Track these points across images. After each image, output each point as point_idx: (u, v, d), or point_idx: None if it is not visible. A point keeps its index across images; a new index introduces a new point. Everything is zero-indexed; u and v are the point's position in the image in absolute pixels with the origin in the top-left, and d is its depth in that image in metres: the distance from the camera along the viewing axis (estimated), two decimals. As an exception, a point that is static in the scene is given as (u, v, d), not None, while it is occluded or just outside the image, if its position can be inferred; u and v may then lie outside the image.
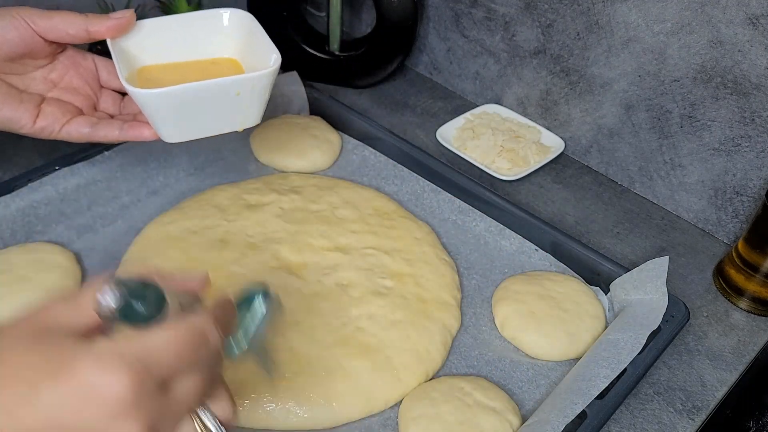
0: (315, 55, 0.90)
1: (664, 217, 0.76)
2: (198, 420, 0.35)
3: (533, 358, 0.59)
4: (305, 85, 0.81)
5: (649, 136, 0.74)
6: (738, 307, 0.66)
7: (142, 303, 0.32)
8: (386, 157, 0.76)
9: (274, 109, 0.80)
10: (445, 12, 0.87)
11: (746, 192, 0.69)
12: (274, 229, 0.65)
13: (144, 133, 0.57)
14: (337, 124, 0.80)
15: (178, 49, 0.59)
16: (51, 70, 0.57)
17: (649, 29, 0.69)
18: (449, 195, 0.72)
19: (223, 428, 0.35)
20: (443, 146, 0.81)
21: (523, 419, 0.53)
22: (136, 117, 0.58)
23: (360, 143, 0.78)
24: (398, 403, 0.54)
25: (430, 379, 0.56)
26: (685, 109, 0.70)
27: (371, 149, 0.77)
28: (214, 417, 0.35)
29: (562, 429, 0.49)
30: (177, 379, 0.33)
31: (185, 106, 0.53)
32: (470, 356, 0.59)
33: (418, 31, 0.90)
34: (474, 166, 0.79)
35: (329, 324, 0.57)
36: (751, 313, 0.65)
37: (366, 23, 0.98)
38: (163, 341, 0.32)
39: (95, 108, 0.60)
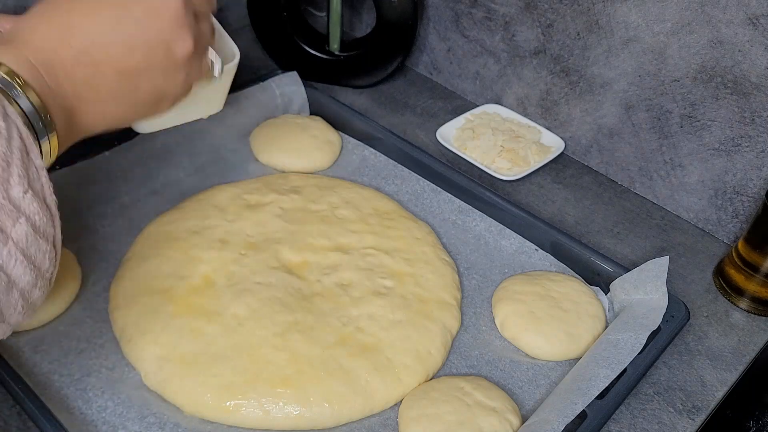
0: (315, 55, 0.90)
1: (664, 217, 0.76)
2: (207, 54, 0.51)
3: (533, 358, 0.59)
4: (305, 85, 0.81)
5: (649, 136, 0.74)
6: (738, 307, 0.66)
7: None
8: (386, 157, 0.76)
9: (274, 109, 0.80)
10: (445, 12, 0.87)
11: (746, 192, 0.69)
12: (274, 229, 0.65)
13: None
14: (337, 124, 0.80)
15: None
16: None
17: (649, 29, 0.69)
18: (449, 195, 0.72)
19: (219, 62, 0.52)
20: (443, 146, 0.81)
21: (523, 419, 0.53)
22: None
23: (360, 143, 0.78)
24: (398, 403, 0.54)
25: (430, 379, 0.56)
26: (685, 109, 0.70)
27: (371, 149, 0.77)
28: (215, 54, 0.52)
29: (562, 429, 0.49)
30: (201, 20, 0.49)
31: None
32: (470, 356, 0.59)
33: (418, 31, 0.90)
34: (474, 166, 0.79)
35: (329, 324, 0.57)
36: (751, 313, 0.65)
37: (366, 23, 0.98)
38: None
39: None
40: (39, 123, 0.39)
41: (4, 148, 0.35)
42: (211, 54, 0.52)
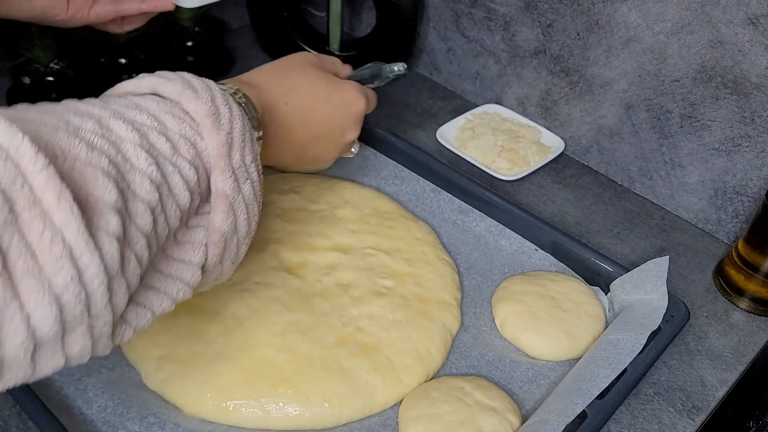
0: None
1: (664, 217, 0.76)
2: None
3: (533, 358, 0.59)
4: (305, 85, 0.81)
5: (649, 136, 0.74)
6: (738, 307, 0.66)
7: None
8: (386, 157, 0.76)
9: (274, 109, 0.80)
10: (445, 12, 0.87)
11: (746, 192, 0.69)
12: (273, 229, 0.65)
13: (163, 2, 0.65)
14: (337, 124, 0.80)
15: None
16: None
17: (649, 29, 0.69)
18: (449, 195, 0.72)
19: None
20: (443, 146, 0.81)
21: (523, 419, 0.53)
22: None
23: (360, 143, 0.78)
24: (398, 403, 0.54)
25: (430, 379, 0.56)
26: (685, 109, 0.70)
27: (371, 149, 0.77)
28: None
29: (562, 429, 0.49)
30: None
31: None
32: (470, 356, 0.59)
33: (418, 31, 0.90)
34: (474, 166, 0.79)
35: (329, 324, 0.57)
36: (751, 313, 0.65)
37: (366, 23, 0.98)
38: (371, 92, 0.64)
39: None
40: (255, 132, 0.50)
41: (241, 126, 0.45)
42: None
